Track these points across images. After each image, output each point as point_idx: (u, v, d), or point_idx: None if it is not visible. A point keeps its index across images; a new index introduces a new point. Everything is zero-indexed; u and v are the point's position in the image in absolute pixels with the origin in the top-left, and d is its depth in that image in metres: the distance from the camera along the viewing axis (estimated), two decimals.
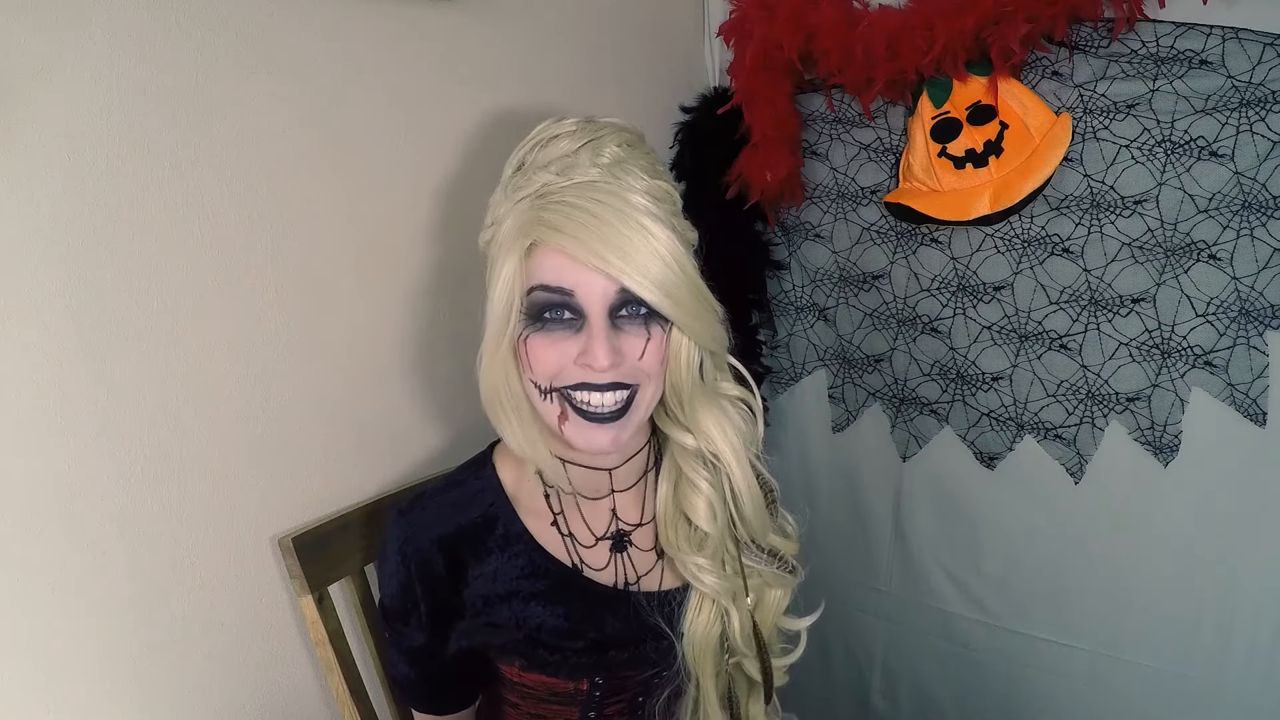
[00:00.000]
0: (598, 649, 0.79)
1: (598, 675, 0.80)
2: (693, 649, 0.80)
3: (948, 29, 1.12)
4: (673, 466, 0.81)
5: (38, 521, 0.73)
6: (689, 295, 0.70)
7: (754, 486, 0.79)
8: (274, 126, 0.88)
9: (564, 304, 0.68)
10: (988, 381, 1.32)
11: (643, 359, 0.71)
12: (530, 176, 0.70)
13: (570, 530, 0.81)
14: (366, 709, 0.93)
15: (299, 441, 0.94)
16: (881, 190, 1.35)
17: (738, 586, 0.80)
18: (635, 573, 0.82)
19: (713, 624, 0.80)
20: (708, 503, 0.78)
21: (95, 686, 0.78)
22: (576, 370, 0.70)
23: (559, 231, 0.66)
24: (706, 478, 0.79)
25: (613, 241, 0.65)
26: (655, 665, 0.81)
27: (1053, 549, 1.30)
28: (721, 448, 0.77)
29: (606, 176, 0.68)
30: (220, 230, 0.85)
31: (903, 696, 1.54)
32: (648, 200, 0.68)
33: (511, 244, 0.69)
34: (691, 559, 0.78)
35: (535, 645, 0.78)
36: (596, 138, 0.70)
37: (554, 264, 0.68)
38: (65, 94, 0.72)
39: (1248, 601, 1.15)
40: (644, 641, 0.80)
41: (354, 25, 0.95)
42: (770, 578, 0.83)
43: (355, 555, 0.94)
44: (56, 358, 0.74)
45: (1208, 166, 1.08)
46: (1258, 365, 1.09)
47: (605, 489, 0.82)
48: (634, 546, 0.82)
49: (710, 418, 0.77)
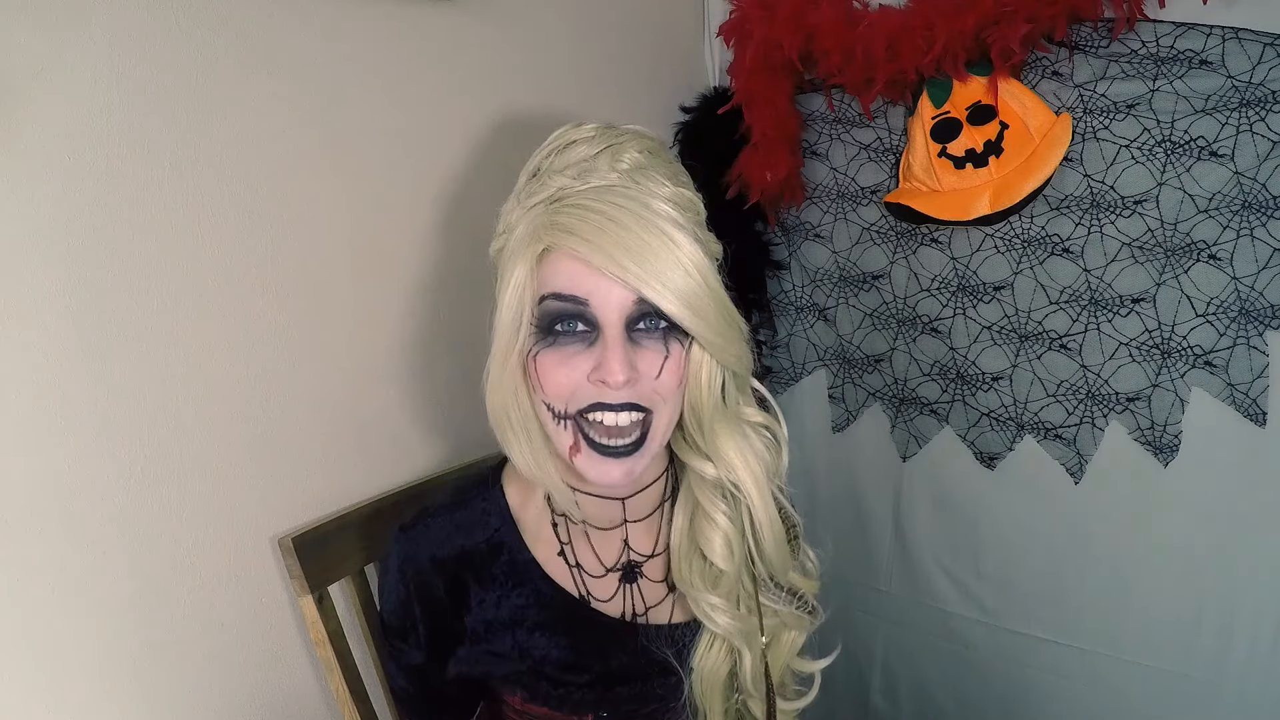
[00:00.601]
0: (603, 683, 0.76)
1: (603, 710, 0.77)
2: (701, 684, 0.76)
3: (948, 29, 1.12)
4: (689, 498, 0.76)
5: (38, 521, 0.73)
6: (713, 309, 0.64)
7: (775, 520, 0.74)
8: (274, 126, 0.88)
9: (578, 314, 0.63)
10: (988, 381, 1.32)
11: (660, 377, 0.66)
12: (545, 181, 0.66)
13: (578, 561, 0.76)
14: (366, 709, 0.93)
15: (299, 441, 0.94)
16: (881, 190, 1.35)
17: (752, 627, 0.75)
18: (645, 604, 0.78)
19: (723, 662, 0.76)
20: (725, 538, 0.73)
21: (95, 686, 0.78)
22: (591, 390, 0.65)
23: (573, 235, 0.61)
24: (725, 511, 0.74)
25: (632, 247, 0.61)
26: (662, 700, 0.78)
27: (1053, 549, 1.30)
28: (743, 476, 0.72)
29: (626, 181, 0.64)
30: (220, 230, 0.85)
31: (903, 696, 1.54)
32: (671, 207, 0.64)
33: (523, 250, 0.65)
34: (705, 597, 0.73)
35: (538, 677, 0.75)
36: (616, 143, 0.66)
37: (568, 270, 0.63)
38: (65, 94, 0.72)
39: (1248, 601, 1.15)
40: (651, 677, 0.77)
41: (354, 25, 0.95)
42: (788, 618, 0.79)
43: (355, 555, 0.94)
44: (56, 358, 0.73)
45: (1208, 166, 1.08)
46: (1258, 365, 1.09)
47: (618, 519, 0.77)
48: (645, 578, 0.78)
49: (732, 444, 0.72)
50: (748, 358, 0.71)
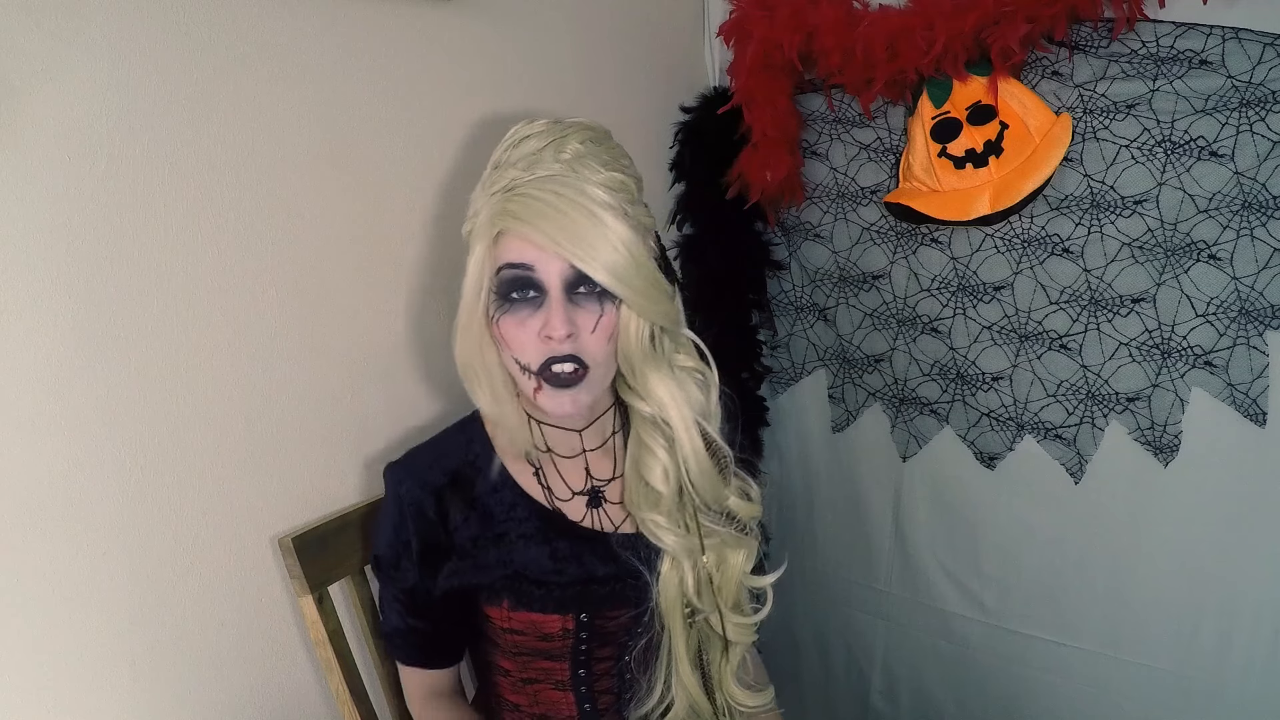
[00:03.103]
0: (581, 583, 0.85)
1: (583, 611, 0.85)
2: (664, 596, 0.87)
3: (948, 29, 1.12)
4: (636, 433, 0.88)
5: (38, 521, 0.73)
6: (637, 276, 0.77)
7: (701, 451, 0.85)
8: (274, 126, 0.88)
9: (527, 280, 0.77)
10: (988, 381, 1.32)
11: (594, 332, 0.79)
12: (503, 173, 0.78)
13: (549, 484, 0.88)
14: (366, 709, 0.93)
15: (299, 441, 0.94)
16: (881, 190, 1.35)
17: (693, 545, 0.86)
18: (612, 524, 0.89)
19: (684, 575, 0.87)
20: (663, 467, 0.85)
21: (95, 686, 0.78)
22: (542, 347, 0.78)
23: (521, 220, 0.75)
24: (663, 444, 0.86)
25: (566, 228, 0.74)
26: (635, 604, 0.87)
27: (1053, 549, 1.30)
28: (671, 414, 0.84)
29: (566, 170, 0.76)
30: (220, 230, 0.85)
31: (903, 696, 1.54)
32: (603, 191, 0.76)
33: (483, 233, 0.79)
34: (650, 516, 0.85)
35: (521, 580, 0.84)
36: (561, 136, 0.77)
37: (517, 247, 0.77)
38: (65, 94, 0.72)
39: (1248, 601, 1.15)
40: (623, 578, 0.86)
41: (354, 25, 0.95)
42: (729, 539, 0.89)
43: (355, 555, 0.95)
44: (57, 358, 0.74)
45: (1208, 166, 1.08)
46: (1258, 365, 1.09)
47: (578, 448, 0.89)
48: (607, 502, 0.90)
49: (662, 386, 0.84)
50: (673, 313, 0.84)
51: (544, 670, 0.88)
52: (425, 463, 0.86)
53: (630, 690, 0.91)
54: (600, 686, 0.90)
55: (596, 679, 0.90)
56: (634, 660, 0.89)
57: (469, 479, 0.86)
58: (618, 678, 0.91)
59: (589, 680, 0.89)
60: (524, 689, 0.89)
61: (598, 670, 0.89)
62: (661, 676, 0.89)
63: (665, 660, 0.89)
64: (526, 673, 0.88)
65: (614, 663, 0.90)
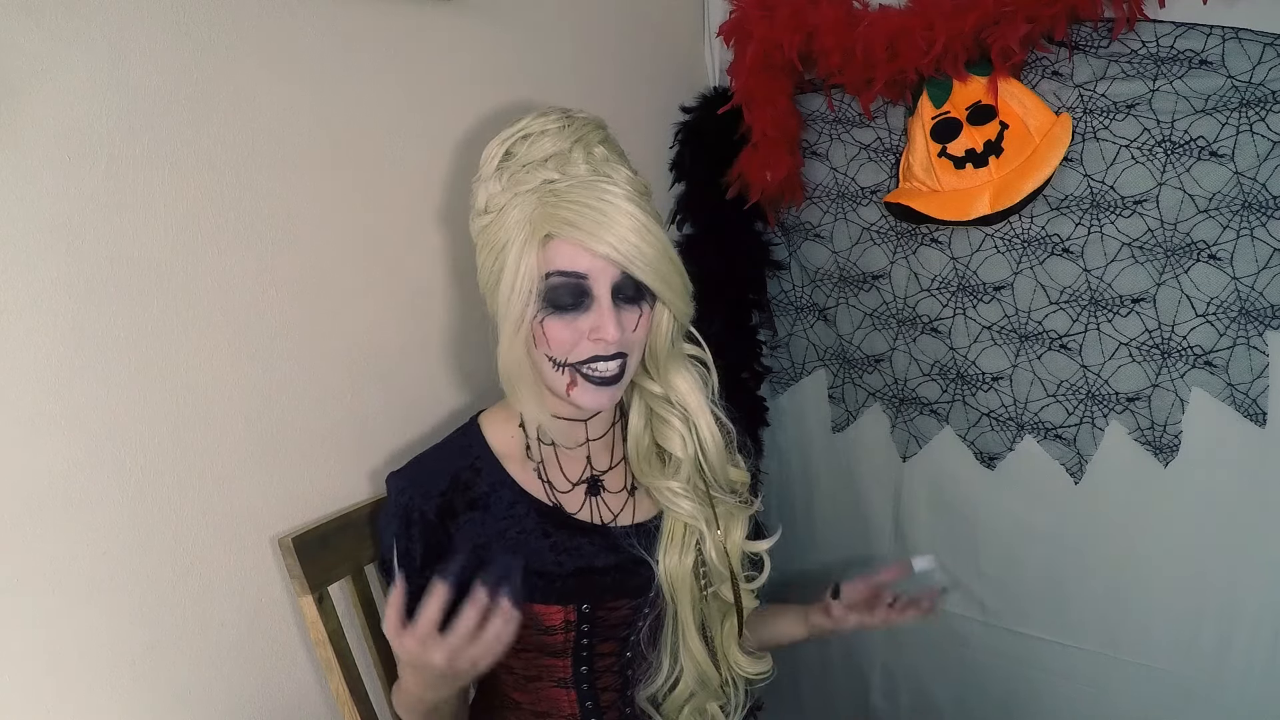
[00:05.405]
0: (581, 574, 0.87)
1: (584, 602, 0.86)
2: (669, 577, 0.89)
3: (948, 29, 1.12)
4: (643, 409, 0.92)
5: (38, 521, 0.73)
6: (676, 276, 0.83)
7: (716, 435, 0.91)
8: (274, 126, 0.88)
9: (580, 288, 0.79)
10: (988, 381, 1.32)
11: (635, 330, 0.83)
12: (531, 173, 0.78)
13: (549, 478, 0.89)
14: (366, 709, 0.93)
15: (299, 441, 0.94)
16: (881, 190, 1.35)
17: (709, 514, 0.90)
18: (610, 513, 0.91)
19: (687, 551, 0.90)
20: (680, 435, 0.90)
21: (95, 686, 0.78)
22: (589, 345, 0.80)
23: (575, 228, 0.76)
24: (677, 414, 0.91)
25: (619, 234, 0.77)
26: (637, 595, 0.89)
27: (1052, 549, 1.30)
28: (690, 401, 0.90)
29: (600, 174, 0.78)
30: (220, 230, 0.85)
31: (903, 696, 1.54)
32: (634, 192, 0.79)
33: (526, 236, 0.78)
34: (667, 484, 0.89)
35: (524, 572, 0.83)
36: (582, 136, 0.80)
37: (570, 254, 0.78)
38: (65, 94, 0.72)
39: (1248, 602, 1.15)
40: (624, 566, 0.88)
41: (354, 25, 0.95)
42: (733, 509, 0.94)
43: (355, 555, 0.95)
44: (56, 358, 0.74)
45: (1208, 166, 1.08)
46: (1258, 365, 1.09)
47: (581, 438, 0.91)
48: (606, 490, 0.92)
49: (680, 377, 0.90)
50: (691, 309, 0.88)
51: (546, 667, 0.88)
52: (426, 470, 0.87)
53: (635, 675, 0.93)
54: (602, 684, 0.91)
55: (598, 676, 0.90)
56: (642, 640, 0.92)
57: (469, 481, 0.87)
58: (619, 674, 0.92)
59: (590, 677, 0.90)
60: (527, 686, 0.90)
61: (599, 667, 0.90)
62: (669, 651, 0.92)
63: (670, 636, 0.92)
64: (529, 670, 0.89)
65: (615, 659, 0.91)
